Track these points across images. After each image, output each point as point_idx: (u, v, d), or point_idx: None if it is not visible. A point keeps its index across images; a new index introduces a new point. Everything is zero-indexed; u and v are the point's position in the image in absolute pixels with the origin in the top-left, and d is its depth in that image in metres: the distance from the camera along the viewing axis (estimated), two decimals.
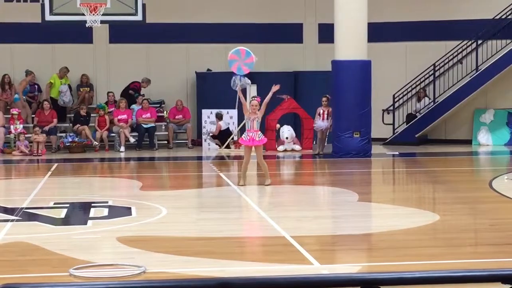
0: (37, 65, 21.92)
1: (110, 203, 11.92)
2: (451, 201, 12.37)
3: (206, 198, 13.32)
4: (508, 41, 21.46)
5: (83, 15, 17.99)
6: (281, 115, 20.77)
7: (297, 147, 20.64)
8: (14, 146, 20.37)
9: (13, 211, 11.12)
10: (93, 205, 11.78)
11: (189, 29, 22.68)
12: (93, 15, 17.92)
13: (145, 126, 21.38)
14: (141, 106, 21.62)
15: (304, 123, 20.77)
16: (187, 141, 21.91)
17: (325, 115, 19.67)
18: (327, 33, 20.42)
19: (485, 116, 22.07)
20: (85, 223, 10.38)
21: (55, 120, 21.03)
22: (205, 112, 21.54)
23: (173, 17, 22.58)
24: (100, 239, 9.27)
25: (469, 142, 22.04)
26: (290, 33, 23.18)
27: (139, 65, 22.59)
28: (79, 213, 11.65)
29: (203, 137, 21.40)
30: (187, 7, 22.74)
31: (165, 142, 21.93)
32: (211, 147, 21.07)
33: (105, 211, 11.22)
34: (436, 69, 22.15)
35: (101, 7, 17.95)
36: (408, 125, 22.02)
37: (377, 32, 20.94)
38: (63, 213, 11.11)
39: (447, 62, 22.18)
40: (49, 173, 16.28)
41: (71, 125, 21.52)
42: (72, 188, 14.29)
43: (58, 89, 21.72)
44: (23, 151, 19.94)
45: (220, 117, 21.09)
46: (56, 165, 17.86)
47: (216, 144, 21.05)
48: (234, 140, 20.91)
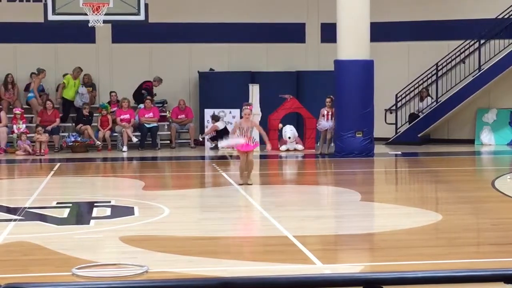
0: (39, 64, 21.90)
1: (112, 203, 11.93)
2: (453, 200, 12.37)
3: (208, 197, 13.32)
4: (511, 41, 21.43)
5: (86, 14, 17.98)
6: (283, 115, 20.77)
7: (300, 146, 20.63)
8: (16, 145, 20.38)
9: (16, 211, 11.13)
10: (95, 204, 11.79)
11: (191, 28, 22.68)
12: (96, 14, 17.91)
13: (148, 125, 21.38)
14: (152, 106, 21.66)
15: (306, 122, 20.75)
16: (189, 141, 21.91)
17: (329, 116, 19.64)
18: (329, 33, 20.40)
19: (487, 115, 22.05)
20: (88, 223, 10.40)
21: (58, 119, 21.04)
22: (208, 111, 21.53)
23: (175, 17, 22.57)
24: (102, 239, 9.28)
25: (471, 141, 22.02)
26: (292, 33, 23.16)
27: (141, 65, 22.58)
28: (81, 212, 11.66)
29: (200, 138, 21.41)
30: (190, 7, 22.73)
31: (168, 141, 21.92)
32: (212, 147, 21.05)
33: (108, 211, 11.23)
34: (438, 68, 22.13)
35: (103, 6, 17.94)
36: (410, 125, 22.00)
37: (380, 31, 20.91)
38: (65, 212, 11.11)
39: (450, 61, 22.16)
40: (52, 172, 16.29)
41: (74, 124, 21.52)
42: (74, 187, 14.29)
43: (72, 90, 21.65)
44: (25, 150, 19.95)
45: (216, 118, 21.11)
46: (58, 164, 17.86)
47: (216, 144, 21.01)
48: None
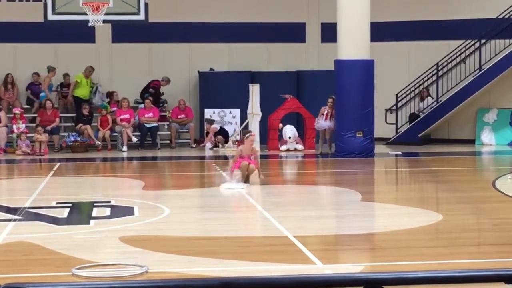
0: (39, 64, 21.90)
1: (112, 203, 11.92)
2: (454, 200, 12.35)
3: (208, 197, 13.31)
4: (511, 41, 21.42)
5: (86, 14, 17.98)
6: (283, 115, 20.75)
7: (300, 146, 20.61)
8: (16, 145, 20.37)
9: (16, 211, 11.12)
10: (95, 204, 11.78)
11: (191, 28, 22.66)
12: (96, 14, 17.91)
13: (148, 125, 21.36)
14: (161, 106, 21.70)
15: (306, 122, 20.74)
16: (189, 141, 21.90)
17: (328, 116, 19.62)
18: (330, 33, 20.39)
19: (488, 115, 22.03)
20: (88, 223, 10.38)
21: (58, 119, 21.02)
22: (208, 111, 21.54)
23: (175, 17, 22.55)
24: (102, 239, 9.26)
25: (472, 141, 22.00)
26: (292, 33, 23.15)
27: (141, 64, 22.57)
28: (81, 212, 11.65)
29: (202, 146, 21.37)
30: (190, 7, 22.71)
31: (168, 141, 21.91)
32: (212, 147, 21.03)
33: (108, 211, 11.22)
34: (439, 68, 22.12)
35: (103, 6, 17.94)
36: (411, 125, 21.98)
37: (380, 31, 20.89)
38: (65, 212, 11.10)
39: (450, 61, 22.15)
40: (52, 172, 16.28)
41: (74, 124, 21.51)
42: (74, 187, 14.28)
43: (86, 89, 21.64)
44: (24, 150, 19.93)
45: (210, 122, 21.15)
46: (58, 164, 17.85)
47: (218, 144, 21.01)
48: (237, 140, 20.89)
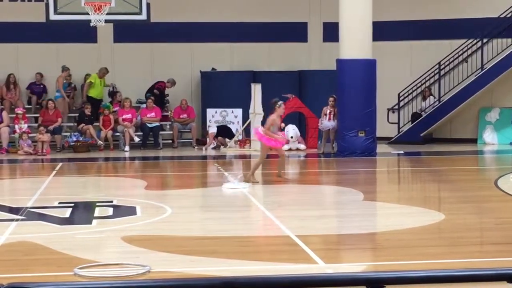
0: (41, 64, 21.92)
1: (114, 203, 11.92)
2: (456, 200, 12.34)
3: (210, 197, 13.31)
4: None
5: (88, 14, 17.99)
6: (285, 114, 20.72)
7: (302, 146, 20.60)
8: (18, 145, 20.38)
9: (18, 211, 11.12)
10: (97, 204, 11.77)
11: (193, 28, 22.67)
12: (98, 14, 17.92)
13: (150, 125, 21.37)
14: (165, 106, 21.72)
15: (308, 122, 20.73)
16: (191, 140, 21.90)
17: (331, 115, 19.62)
18: (332, 32, 20.38)
19: (490, 115, 22.03)
20: (90, 223, 10.38)
21: (60, 119, 21.03)
22: (210, 111, 21.54)
23: (177, 16, 22.56)
24: (104, 239, 9.27)
25: (474, 141, 21.99)
26: (294, 32, 23.15)
27: (143, 64, 22.59)
28: (83, 212, 11.65)
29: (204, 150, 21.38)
30: (192, 6, 22.72)
31: (170, 141, 21.92)
32: (214, 146, 21.03)
33: (110, 211, 11.23)
34: (441, 68, 22.11)
35: (105, 6, 17.95)
36: (413, 124, 21.98)
37: (382, 30, 20.90)
38: (67, 212, 11.11)
39: (452, 61, 22.14)
40: (54, 172, 16.29)
41: (76, 124, 21.52)
42: (76, 187, 14.29)
43: (100, 89, 21.69)
44: (26, 150, 19.94)
45: (207, 131, 21.23)
46: (60, 164, 17.85)
47: (221, 143, 21.01)
48: (238, 139, 20.90)
